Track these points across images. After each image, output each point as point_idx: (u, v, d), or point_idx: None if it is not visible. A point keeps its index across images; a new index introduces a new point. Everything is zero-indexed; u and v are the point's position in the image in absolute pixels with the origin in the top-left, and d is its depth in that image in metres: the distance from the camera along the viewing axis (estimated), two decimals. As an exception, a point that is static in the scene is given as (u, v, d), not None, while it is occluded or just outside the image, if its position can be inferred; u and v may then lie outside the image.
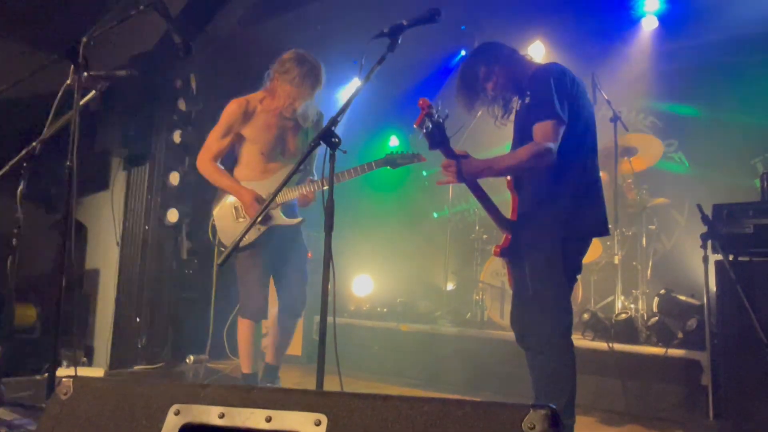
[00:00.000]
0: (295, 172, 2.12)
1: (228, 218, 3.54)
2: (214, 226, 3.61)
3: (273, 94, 3.47)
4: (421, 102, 2.35)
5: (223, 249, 3.56)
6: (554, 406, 0.89)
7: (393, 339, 5.26)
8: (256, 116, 3.52)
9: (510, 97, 2.78)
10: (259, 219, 3.41)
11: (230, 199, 3.55)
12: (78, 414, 1.13)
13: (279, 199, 3.46)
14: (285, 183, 2.15)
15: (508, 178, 2.78)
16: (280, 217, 3.53)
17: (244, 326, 3.55)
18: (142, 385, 1.16)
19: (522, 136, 2.66)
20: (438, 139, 2.42)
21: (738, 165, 5.21)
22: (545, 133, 2.49)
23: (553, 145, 2.47)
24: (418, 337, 5.12)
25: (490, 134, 2.95)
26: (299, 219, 3.61)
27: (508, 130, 2.89)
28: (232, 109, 3.49)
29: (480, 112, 2.86)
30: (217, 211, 3.59)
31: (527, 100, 2.64)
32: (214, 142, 3.50)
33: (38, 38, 4.80)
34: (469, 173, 2.54)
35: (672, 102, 5.64)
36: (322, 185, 3.45)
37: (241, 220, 3.52)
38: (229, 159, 3.64)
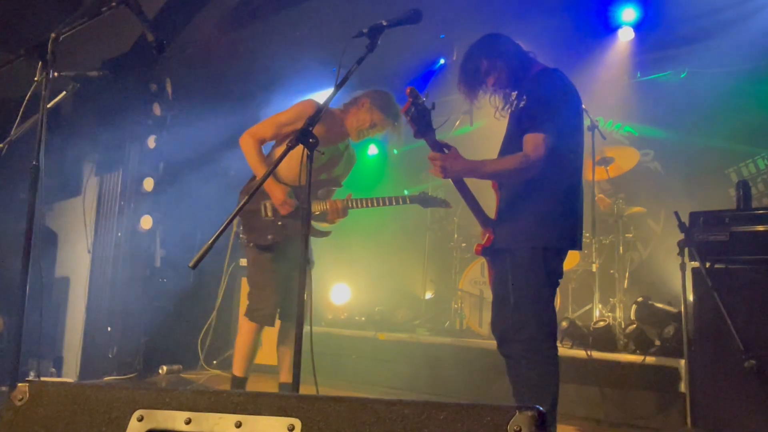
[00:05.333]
0: (268, 176, 2.05)
1: (256, 215, 3.43)
2: (240, 222, 3.51)
3: (347, 114, 3.46)
4: (408, 90, 2.34)
5: (241, 239, 3.46)
6: (541, 408, 0.85)
7: (371, 348, 5.20)
8: (322, 123, 3.40)
9: (510, 92, 2.75)
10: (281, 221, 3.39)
11: (260, 194, 3.42)
12: (34, 420, 1.05)
13: (314, 209, 3.45)
14: (265, 179, 2.09)
15: None
16: (313, 228, 3.47)
17: (249, 329, 3.43)
18: (103, 389, 1.09)
19: (512, 139, 2.65)
20: (423, 127, 2.41)
21: (713, 174, 5.28)
22: (536, 146, 2.47)
23: (541, 159, 2.46)
24: (397, 346, 5.07)
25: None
26: (329, 231, 3.56)
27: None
28: (308, 105, 3.39)
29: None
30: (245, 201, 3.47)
31: (523, 103, 2.61)
32: (273, 126, 3.40)
33: (10, 42, 4.69)
34: (453, 171, 2.52)
35: (647, 112, 5.70)
36: (362, 204, 3.46)
37: (268, 217, 3.42)
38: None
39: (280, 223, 3.40)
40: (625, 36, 5.69)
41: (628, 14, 5.58)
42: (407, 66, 6.58)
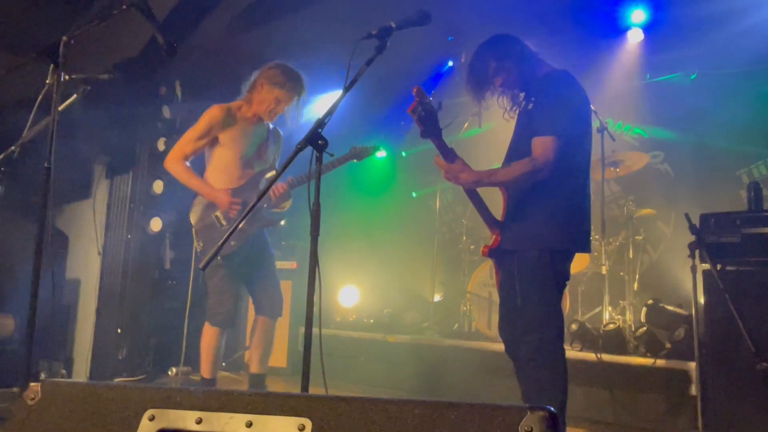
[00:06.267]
0: (279, 176, 2.06)
1: (212, 229, 3.52)
2: (200, 239, 3.61)
3: (250, 102, 3.58)
4: (414, 90, 2.33)
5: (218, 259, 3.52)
6: (552, 409, 0.84)
7: (379, 350, 5.19)
8: (237, 123, 3.59)
9: (518, 93, 2.74)
10: (242, 224, 3.46)
11: (206, 209, 3.54)
12: (46, 420, 1.06)
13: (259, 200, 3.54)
14: (269, 187, 2.10)
15: None
16: (263, 219, 3.64)
17: (211, 333, 3.58)
18: (114, 389, 1.09)
19: (520, 140, 2.64)
20: (430, 127, 2.41)
21: (723, 176, 5.24)
22: (544, 149, 2.46)
23: (550, 163, 2.45)
24: (405, 348, 5.06)
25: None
26: (284, 218, 3.75)
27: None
28: (214, 112, 3.53)
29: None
30: (197, 222, 3.59)
31: (531, 105, 2.60)
32: (190, 142, 3.53)
33: (21, 45, 4.73)
34: (462, 183, 2.54)
35: (657, 114, 5.67)
36: (302, 180, 3.55)
37: (224, 226, 3.51)
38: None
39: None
40: (635, 37, 5.67)
41: (638, 16, 5.56)
42: (416, 68, 6.59)
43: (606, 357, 3.94)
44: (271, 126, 3.72)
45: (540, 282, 2.53)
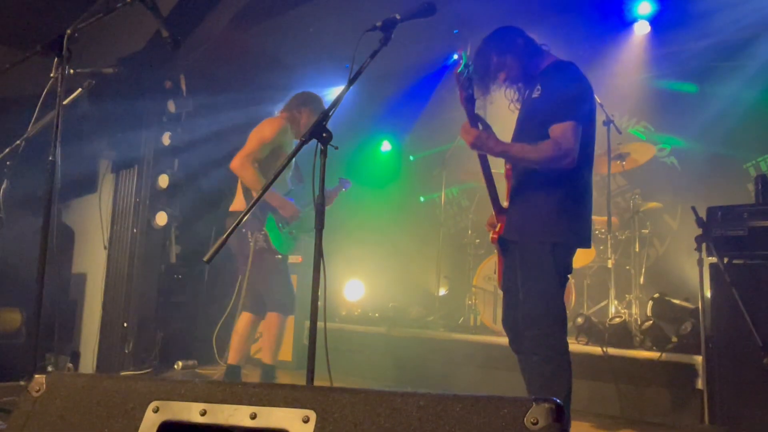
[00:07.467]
0: (282, 170, 2.06)
1: (274, 231, 3.85)
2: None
3: (295, 121, 3.86)
4: (461, 51, 2.37)
5: (279, 257, 3.87)
6: (558, 400, 0.84)
7: (384, 344, 5.20)
8: (290, 136, 3.89)
9: (522, 86, 2.72)
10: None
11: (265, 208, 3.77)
12: (51, 411, 1.06)
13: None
14: (272, 182, 2.09)
15: (508, 165, 2.73)
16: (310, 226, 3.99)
17: (247, 320, 3.85)
18: (119, 381, 1.09)
19: (523, 129, 2.62)
20: (469, 92, 2.46)
21: (730, 169, 5.21)
22: (565, 135, 2.44)
23: (573, 149, 2.43)
24: (410, 342, 5.06)
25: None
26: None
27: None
28: (283, 124, 3.81)
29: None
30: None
31: (536, 93, 2.58)
32: (263, 149, 3.74)
33: (26, 38, 4.73)
34: (484, 148, 2.53)
35: (663, 107, 5.63)
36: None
37: (285, 230, 3.87)
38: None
39: (292, 233, 3.91)
40: (641, 30, 5.63)
41: (644, 8, 5.52)
42: (421, 62, 6.56)
43: (612, 351, 3.92)
44: None
45: (541, 275, 2.52)
